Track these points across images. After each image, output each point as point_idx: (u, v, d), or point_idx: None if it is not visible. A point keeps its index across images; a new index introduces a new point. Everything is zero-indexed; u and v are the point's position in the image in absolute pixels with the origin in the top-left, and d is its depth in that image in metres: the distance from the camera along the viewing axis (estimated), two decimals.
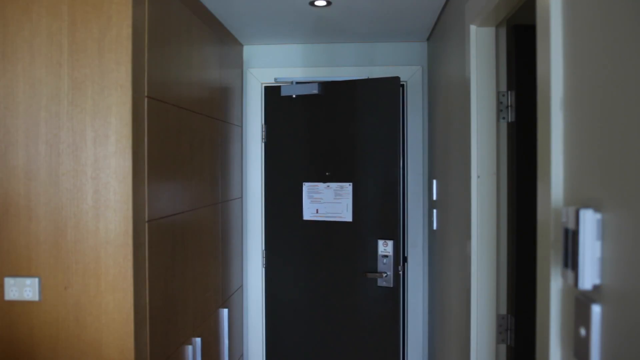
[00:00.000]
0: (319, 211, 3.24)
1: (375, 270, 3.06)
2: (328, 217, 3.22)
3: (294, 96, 3.26)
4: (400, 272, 3.05)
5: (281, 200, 3.34)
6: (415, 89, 3.29)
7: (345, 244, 3.18)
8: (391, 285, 3.03)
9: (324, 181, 3.22)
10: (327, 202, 3.22)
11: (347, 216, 3.16)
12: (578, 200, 0.97)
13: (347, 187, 3.16)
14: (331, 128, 3.21)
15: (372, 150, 3.09)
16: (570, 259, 0.91)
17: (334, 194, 3.20)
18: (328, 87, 3.19)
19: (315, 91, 3.20)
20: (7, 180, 1.78)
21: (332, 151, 3.22)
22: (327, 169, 3.23)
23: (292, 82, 3.30)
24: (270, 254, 3.35)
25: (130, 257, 1.75)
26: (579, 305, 0.92)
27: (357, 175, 3.14)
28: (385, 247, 3.02)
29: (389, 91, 3.03)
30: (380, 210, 3.06)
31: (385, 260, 3.03)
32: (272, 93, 3.33)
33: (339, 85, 3.18)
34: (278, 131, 3.32)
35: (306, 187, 3.27)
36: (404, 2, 2.51)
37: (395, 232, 3.01)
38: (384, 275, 3.02)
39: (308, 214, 3.27)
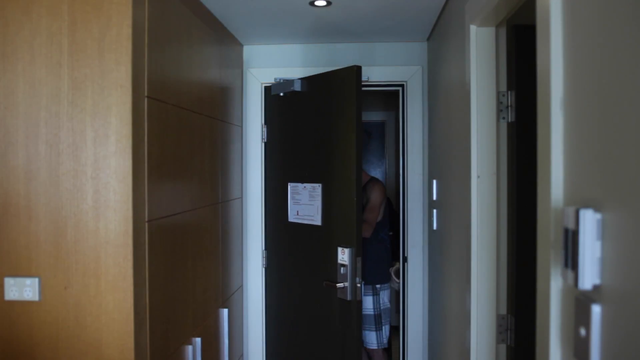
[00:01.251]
0: (299, 213, 3.05)
1: (335, 280, 2.74)
2: (305, 219, 3.00)
3: (281, 94, 3.17)
4: (359, 285, 2.66)
5: (276, 201, 3.28)
6: (415, 89, 3.29)
7: (315, 249, 2.96)
8: (347, 298, 2.67)
9: (302, 181, 3.02)
10: (304, 203, 3.00)
11: (317, 219, 2.91)
12: (578, 200, 0.97)
13: (318, 189, 2.90)
14: (308, 125, 3.06)
15: (334, 147, 2.85)
16: (570, 259, 0.91)
17: (309, 195, 2.96)
18: (308, 84, 3.03)
19: (292, 88, 3.03)
20: (7, 180, 1.78)
21: (308, 149, 3.03)
22: (305, 169, 3.03)
23: (280, 80, 3.18)
24: (269, 254, 3.35)
25: (130, 257, 1.75)
26: (579, 305, 0.92)
27: (325, 175, 2.89)
28: (342, 255, 2.68)
29: (347, 83, 2.75)
30: (341, 214, 2.78)
31: (342, 270, 2.68)
32: (271, 93, 3.32)
33: (315, 80, 2.99)
34: (275, 131, 3.31)
35: (290, 187, 3.11)
36: (403, 3, 2.51)
37: (352, 239, 2.67)
38: (340, 286, 2.68)
39: (292, 215, 3.10)
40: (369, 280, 3.52)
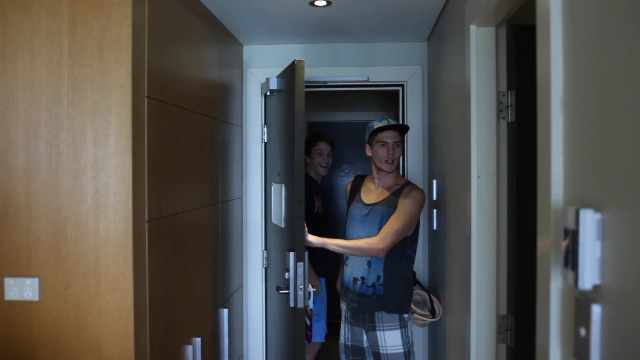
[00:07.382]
0: (273, 214, 3.03)
1: (285, 286, 2.56)
2: (276, 221, 2.95)
3: (268, 93, 3.16)
4: (301, 291, 2.45)
5: (269, 201, 3.26)
6: (415, 89, 3.29)
7: (280, 251, 2.84)
8: (290, 305, 2.47)
9: (276, 182, 2.96)
10: (276, 204, 2.94)
11: (281, 221, 2.80)
12: (578, 200, 0.97)
13: (282, 189, 2.77)
14: (278, 125, 3.02)
15: (286, 147, 2.71)
16: (570, 259, 0.91)
17: (278, 196, 2.87)
18: (282, 81, 2.92)
19: (269, 86, 3.01)
20: (7, 180, 1.78)
21: (278, 150, 2.97)
22: (276, 169, 2.99)
23: (266, 79, 3.15)
24: (269, 254, 3.34)
25: (130, 257, 1.75)
26: (579, 305, 0.92)
27: (287, 175, 2.71)
28: (288, 260, 2.51)
29: (289, 79, 2.61)
30: (290, 216, 2.60)
31: (286, 275, 2.53)
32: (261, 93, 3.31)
33: (281, 77, 2.89)
34: (270, 131, 3.30)
35: (271, 187, 3.09)
36: (403, 2, 2.51)
37: (293, 242, 2.49)
38: (284, 292, 2.53)
39: (272, 216, 3.08)
40: (394, 308, 2.63)
